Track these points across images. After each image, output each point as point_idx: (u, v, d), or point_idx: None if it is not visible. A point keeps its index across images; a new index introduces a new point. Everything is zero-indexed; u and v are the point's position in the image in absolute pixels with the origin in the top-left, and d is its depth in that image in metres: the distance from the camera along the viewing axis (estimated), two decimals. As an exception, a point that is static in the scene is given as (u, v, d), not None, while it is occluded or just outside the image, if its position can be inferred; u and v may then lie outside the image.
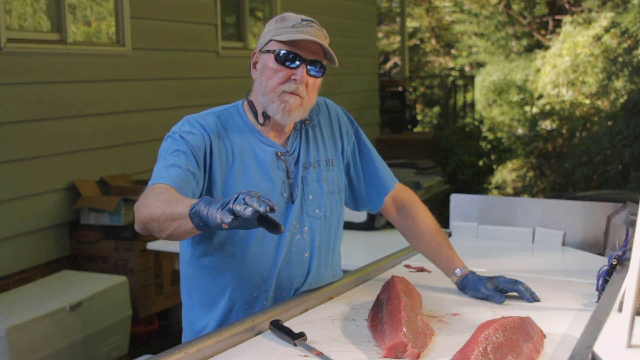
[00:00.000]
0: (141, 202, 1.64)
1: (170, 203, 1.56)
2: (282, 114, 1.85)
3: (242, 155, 1.89)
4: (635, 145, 7.92)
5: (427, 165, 7.34)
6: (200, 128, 1.86)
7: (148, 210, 1.60)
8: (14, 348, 3.37)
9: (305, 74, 1.83)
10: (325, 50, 1.85)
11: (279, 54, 1.83)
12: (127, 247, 4.46)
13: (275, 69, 1.84)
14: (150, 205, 1.60)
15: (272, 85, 1.84)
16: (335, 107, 2.11)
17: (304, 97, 1.85)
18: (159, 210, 1.57)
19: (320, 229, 1.97)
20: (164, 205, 1.57)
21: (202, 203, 1.46)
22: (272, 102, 1.85)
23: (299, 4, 7.72)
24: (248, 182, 1.88)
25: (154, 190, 1.66)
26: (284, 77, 1.83)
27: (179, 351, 1.51)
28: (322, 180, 1.98)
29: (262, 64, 1.88)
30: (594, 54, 10.94)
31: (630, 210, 2.64)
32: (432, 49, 18.73)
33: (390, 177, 2.15)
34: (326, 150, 2.01)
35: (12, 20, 4.44)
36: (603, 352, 1.42)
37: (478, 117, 12.95)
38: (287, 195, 1.92)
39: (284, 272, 1.92)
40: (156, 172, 1.77)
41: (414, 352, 1.52)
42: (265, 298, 1.92)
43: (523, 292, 1.97)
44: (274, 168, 1.91)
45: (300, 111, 1.87)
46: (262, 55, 1.88)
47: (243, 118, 1.94)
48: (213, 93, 6.11)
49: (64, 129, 4.66)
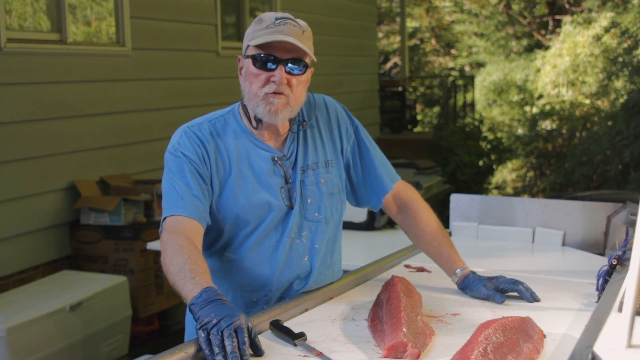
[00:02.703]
0: (162, 252, 1.73)
1: (179, 276, 1.65)
2: (268, 115, 1.85)
3: (239, 164, 1.89)
4: (635, 145, 7.92)
5: (427, 165, 7.34)
6: (197, 140, 1.87)
7: (165, 267, 1.71)
8: (14, 348, 3.37)
9: (283, 74, 1.82)
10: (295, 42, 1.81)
11: (256, 58, 1.83)
12: (127, 247, 4.46)
13: (255, 73, 1.84)
14: (167, 264, 1.69)
15: (255, 89, 1.85)
16: (335, 105, 2.09)
17: (289, 96, 1.84)
18: (171, 279, 1.67)
19: (320, 232, 1.97)
20: (175, 276, 1.66)
21: (197, 307, 1.55)
22: (257, 105, 1.85)
23: (299, 4, 7.72)
24: (246, 191, 1.88)
25: (172, 237, 1.74)
26: (264, 81, 1.83)
27: (179, 351, 1.50)
28: (321, 182, 1.97)
29: (245, 68, 1.89)
30: (594, 54, 10.94)
31: (630, 210, 2.64)
32: (432, 49, 18.73)
33: (389, 177, 2.12)
34: (325, 152, 2.00)
35: (12, 20, 4.44)
36: (603, 352, 1.42)
37: (478, 117, 12.95)
38: (286, 201, 1.91)
39: (284, 276, 1.93)
40: (169, 197, 1.82)
41: (414, 352, 1.52)
42: (266, 302, 1.93)
43: (523, 292, 1.97)
44: (271, 174, 1.91)
45: (288, 109, 1.86)
46: (244, 60, 1.89)
47: (239, 123, 1.94)
48: (213, 93, 6.11)
49: (64, 129, 4.66)
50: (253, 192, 1.88)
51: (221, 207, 1.87)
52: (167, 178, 1.85)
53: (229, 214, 1.88)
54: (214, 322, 1.48)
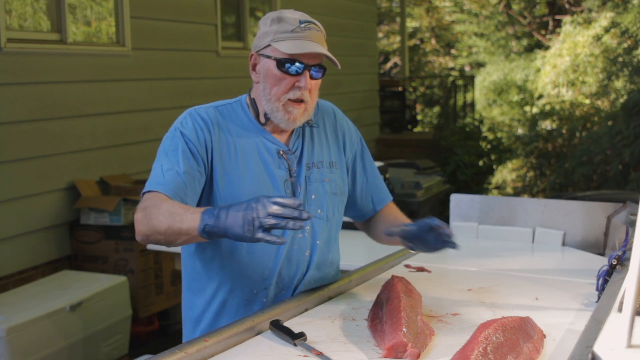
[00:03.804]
0: (142, 215, 1.69)
1: (174, 216, 1.63)
2: (286, 122, 1.86)
3: (244, 151, 1.89)
4: (635, 145, 7.92)
5: (427, 165, 7.35)
6: (201, 122, 1.87)
7: (152, 223, 1.66)
8: (14, 348, 3.37)
9: (309, 80, 1.83)
10: (327, 54, 1.83)
11: (281, 62, 1.82)
12: (127, 247, 4.46)
13: (278, 76, 1.83)
14: (153, 219, 1.66)
15: (277, 93, 1.84)
16: (343, 117, 2.11)
17: (307, 102, 1.86)
18: (163, 225, 1.64)
19: (321, 229, 1.97)
20: (168, 219, 1.63)
21: (213, 217, 1.56)
22: (276, 110, 1.85)
23: (299, 4, 7.72)
24: (250, 179, 1.87)
25: (152, 201, 1.70)
26: (289, 85, 1.83)
27: (179, 351, 1.51)
28: (325, 181, 1.98)
29: (264, 68, 1.86)
30: (594, 54, 10.94)
31: (630, 210, 2.64)
32: (432, 49, 18.74)
33: (385, 193, 2.15)
34: (330, 153, 2.02)
35: (12, 20, 4.44)
36: (603, 352, 1.42)
37: (478, 117, 12.95)
38: (289, 195, 1.92)
39: (285, 270, 1.92)
40: (153, 175, 1.79)
41: (414, 352, 1.52)
42: (265, 295, 1.91)
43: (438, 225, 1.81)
44: (275, 167, 1.91)
45: (306, 115, 1.88)
46: (262, 58, 1.87)
47: (247, 113, 1.94)
48: (213, 93, 6.10)
49: (64, 129, 4.66)
50: (256, 181, 1.88)
51: (224, 193, 1.85)
52: (158, 157, 1.83)
53: (231, 200, 1.83)
54: (255, 207, 1.53)
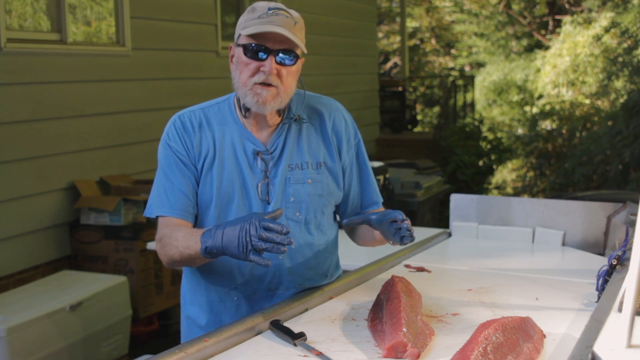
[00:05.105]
0: (159, 247, 1.86)
1: (184, 244, 1.77)
2: (256, 105, 1.86)
3: (222, 152, 1.92)
4: (635, 145, 7.92)
5: (427, 165, 7.35)
6: (182, 130, 1.93)
7: (168, 255, 1.83)
8: (14, 348, 3.37)
9: (273, 64, 1.83)
10: (288, 35, 1.81)
11: (247, 48, 1.85)
12: (127, 247, 4.46)
13: (245, 62, 1.86)
14: (168, 251, 1.82)
15: (244, 78, 1.86)
16: (343, 117, 2.06)
17: (278, 86, 1.85)
18: (177, 256, 1.80)
19: (298, 232, 1.94)
20: (180, 249, 1.78)
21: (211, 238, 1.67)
22: (245, 95, 1.87)
23: (299, 4, 7.72)
24: (225, 183, 1.90)
25: (165, 230, 1.85)
26: (254, 70, 1.85)
27: (179, 351, 1.51)
28: (308, 182, 1.95)
29: (236, 57, 1.90)
30: (594, 54, 10.94)
31: (630, 210, 2.64)
32: (432, 49, 18.74)
33: (377, 196, 2.11)
34: (319, 152, 1.98)
35: (12, 20, 4.44)
36: (603, 352, 1.42)
37: (478, 117, 12.94)
38: (262, 196, 1.91)
39: (257, 270, 1.92)
40: (157, 196, 1.91)
41: (414, 352, 1.52)
42: (235, 295, 1.93)
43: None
44: (250, 169, 1.92)
45: (277, 100, 1.87)
46: (236, 48, 1.91)
47: (232, 112, 1.97)
48: (213, 93, 6.05)
49: (64, 129, 4.66)
50: (231, 184, 1.90)
51: (204, 195, 1.92)
52: (158, 172, 1.94)
53: (202, 200, 1.92)
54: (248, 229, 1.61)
